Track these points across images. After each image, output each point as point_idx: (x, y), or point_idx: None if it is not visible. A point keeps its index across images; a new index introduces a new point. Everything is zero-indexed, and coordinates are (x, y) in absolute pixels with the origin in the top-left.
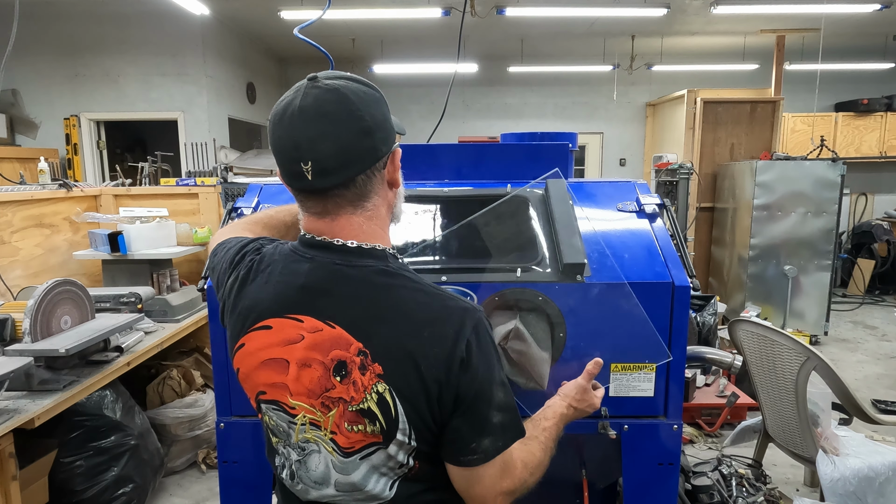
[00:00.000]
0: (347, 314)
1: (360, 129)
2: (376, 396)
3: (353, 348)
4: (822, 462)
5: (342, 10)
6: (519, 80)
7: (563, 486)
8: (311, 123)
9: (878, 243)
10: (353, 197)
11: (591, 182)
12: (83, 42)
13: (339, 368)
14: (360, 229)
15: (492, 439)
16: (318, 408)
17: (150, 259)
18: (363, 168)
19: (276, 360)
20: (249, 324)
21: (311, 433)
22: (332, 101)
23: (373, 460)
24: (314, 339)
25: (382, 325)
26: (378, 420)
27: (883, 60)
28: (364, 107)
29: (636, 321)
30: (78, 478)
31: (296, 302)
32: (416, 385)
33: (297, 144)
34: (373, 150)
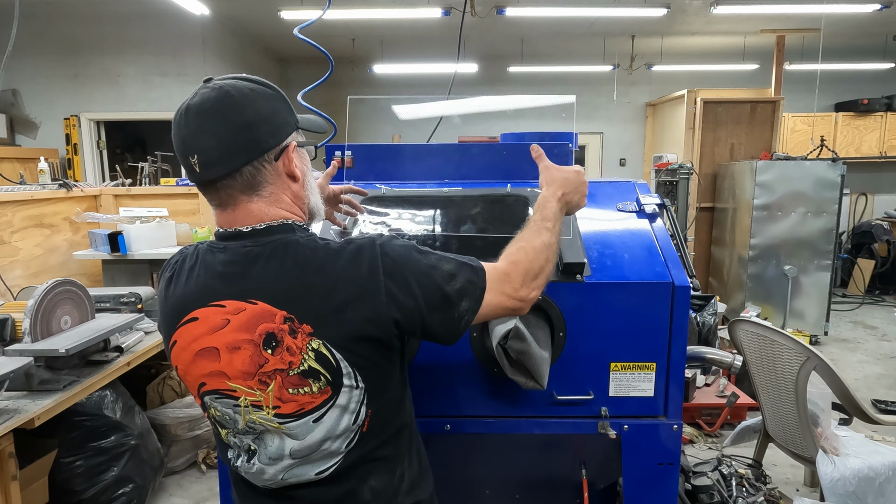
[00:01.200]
0: (265, 288)
1: (238, 123)
2: (313, 354)
3: (279, 317)
4: (822, 462)
5: (342, 10)
6: (519, 80)
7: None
8: (193, 120)
9: (878, 243)
10: (242, 187)
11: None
12: (83, 42)
13: (268, 341)
14: (264, 213)
15: (467, 299)
16: (256, 386)
17: (150, 259)
18: (248, 159)
19: (207, 349)
20: (177, 319)
21: (255, 415)
22: (212, 99)
23: (326, 422)
24: (239, 320)
25: (300, 287)
26: (322, 375)
27: (883, 60)
28: (246, 102)
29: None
30: (78, 478)
31: (216, 290)
32: (348, 330)
33: (183, 140)
34: (255, 143)
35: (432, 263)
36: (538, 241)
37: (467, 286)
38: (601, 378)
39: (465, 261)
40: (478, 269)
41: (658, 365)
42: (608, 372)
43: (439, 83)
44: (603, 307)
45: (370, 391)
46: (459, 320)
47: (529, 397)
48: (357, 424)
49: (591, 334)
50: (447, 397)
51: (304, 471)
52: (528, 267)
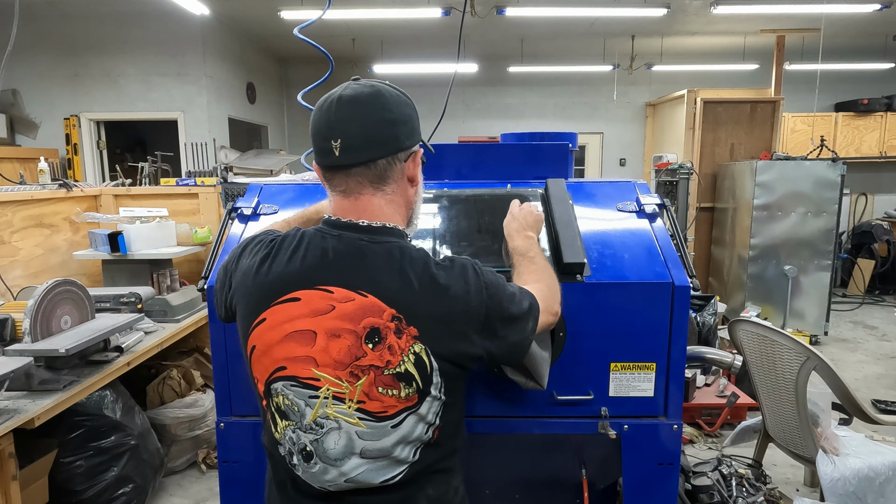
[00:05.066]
0: (377, 283)
1: (386, 119)
2: (413, 357)
3: (387, 314)
4: (822, 462)
5: (342, 10)
6: (519, 80)
7: (563, 486)
8: (344, 108)
9: (878, 243)
10: (373, 178)
11: (591, 182)
12: (83, 42)
13: (371, 336)
14: (381, 210)
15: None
16: (346, 378)
17: (150, 259)
18: (385, 153)
19: (303, 331)
20: (273, 297)
21: (332, 408)
22: (366, 93)
23: (403, 429)
24: (345, 309)
25: (411, 292)
26: (414, 380)
27: (883, 60)
28: (393, 103)
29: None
30: (78, 478)
31: (325, 275)
32: (450, 342)
33: (330, 125)
34: (395, 140)
35: (511, 290)
36: (540, 264)
37: (531, 309)
38: (601, 378)
39: (522, 288)
40: (533, 296)
41: (658, 365)
42: (608, 372)
43: (439, 83)
44: (603, 307)
45: (446, 404)
46: (527, 339)
47: (529, 397)
48: (428, 435)
49: (591, 334)
50: None
51: (371, 476)
52: (552, 285)
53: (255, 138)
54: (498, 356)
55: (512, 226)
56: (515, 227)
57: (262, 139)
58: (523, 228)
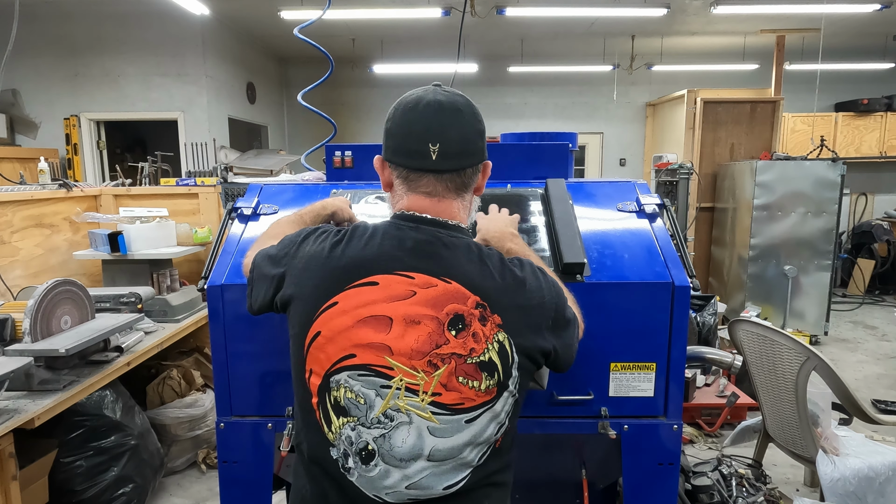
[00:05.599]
0: (460, 271)
1: (478, 129)
2: (497, 346)
3: (471, 301)
4: (822, 462)
5: (342, 10)
6: (519, 80)
7: (563, 486)
8: (445, 115)
9: (878, 243)
10: (460, 184)
11: (591, 182)
12: (83, 42)
13: (454, 322)
14: (458, 214)
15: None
16: (423, 367)
17: (150, 259)
18: (474, 162)
19: (378, 317)
20: (348, 280)
21: (403, 400)
22: (462, 103)
23: (477, 426)
24: (427, 295)
25: (493, 281)
26: (497, 371)
27: (883, 60)
28: (480, 115)
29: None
30: (78, 478)
31: (404, 260)
32: (529, 333)
33: (429, 127)
34: (482, 150)
35: (566, 296)
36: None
37: (575, 318)
38: (601, 378)
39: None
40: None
41: (658, 365)
42: (608, 372)
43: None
44: (603, 307)
45: (517, 402)
46: (574, 346)
47: (529, 397)
48: (496, 437)
49: (591, 334)
50: None
51: (433, 481)
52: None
53: (255, 138)
54: (561, 355)
55: (492, 228)
56: (499, 228)
57: (262, 139)
58: (507, 226)
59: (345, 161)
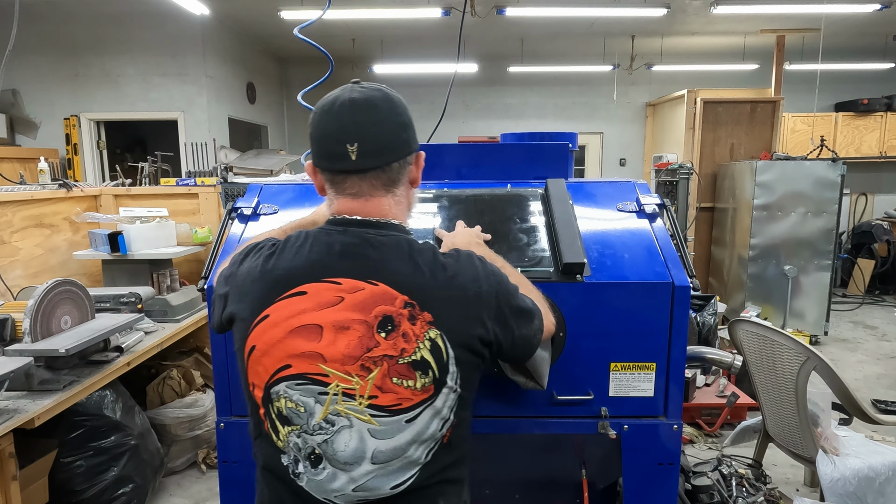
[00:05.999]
0: (387, 272)
1: (399, 122)
2: (429, 343)
3: (399, 301)
4: (822, 462)
5: (342, 10)
6: (519, 80)
7: (563, 486)
8: (359, 112)
9: (878, 243)
10: (387, 181)
11: (591, 182)
12: (83, 42)
13: (383, 324)
14: (390, 211)
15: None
16: (356, 372)
17: (150, 259)
18: (398, 157)
19: (308, 326)
20: (278, 293)
21: (342, 405)
22: (379, 97)
23: (418, 424)
24: (355, 299)
25: (423, 278)
26: (431, 369)
27: (883, 60)
28: (402, 107)
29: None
30: (78, 478)
31: (332, 266)
32: (464, 327)
33: (344, 128)
34: (407, 143)
35: (515, 285)
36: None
37: (535, 307)
38: (601, 378)
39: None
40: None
41: (658, 365)
42: (608, 372)
43: (439, 83)
44: (603, 307)
45: (462, 398)
46: (535, 337)
47: (529, 397)
48: (441, 433)
49: (591, 334)
50: None
51: (380, 483)
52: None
53: (255, 138)
54: (506, 348)
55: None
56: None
57: (262, 139)
58: (472, 237)
59: None
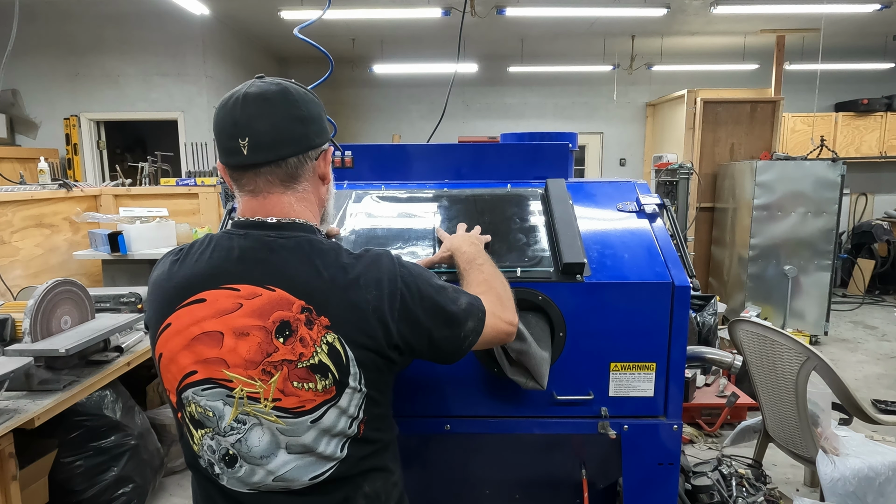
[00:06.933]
0: (285, 277)
1: (295, 115)
2: (327, 347)
3: (296, 306)
4: (822, 462)
5: (342, 10)
6: (519, 80)
7: (563, 486)
8: (251, 106)
9: (878, 243)
10: (284, 176)
11: (591, 182)
12: (83, 42)
13: (281, 329)
14: (292, 208)
15: (472, 320)
16: (259, 376)
17: (150, 259)
18: (296, 151)
19: (210, 333)
20: (178, 301)
21: (249, 407)
22: (273, 91)
23: (324, 423)
24: (253, 305)
25: (320, 282)
26: (330, 372)
27: (883, 60)
28: (302, 100)
29: None
30: (78, 478)
31: (231, 273)
32: (365, 329)
33: (235, 122)
34: (305, 137)
35: (441, 284)
36: (488, 271)
37: (471, 308)
38: (601, 378)
39: (465, 291)
40: (476, 298)
41: (658, 365)
42: (608, 372)
43: (439, 83)
44: (603, 307)
45: (369, 397)
46: (464, 340)
47: (529, 397)
48: (352, 430)
49: (591, 334)
50: (447, 397)
51: (299, 473)
52: (502, 293)
53: None
54: (424, 350)
55: (456, 240)
56: (461, 236)
57: None
58: (469, 237)
59: (345, 161)
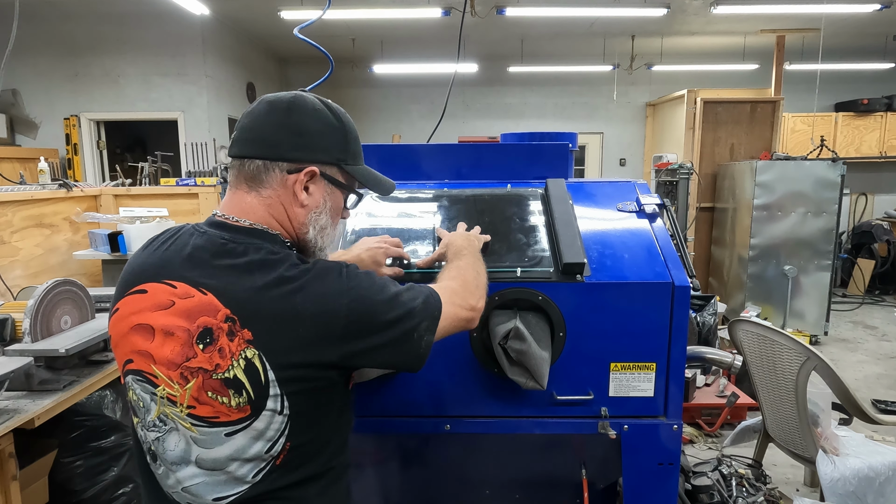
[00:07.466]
0: (220, 282)
1: (281, 122)
2: (244, 363)
3: (221, 315)
4: (822, 462)
5: (342, 10)
6: (519, 80)
7: (563, 486)
8: (261, 106)
9: (878, 243)
10: (247, 175)
11: (591, 182)
12: (83, 42)
13: (203, 336)
14: (254, 211)
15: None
16: (177, 379)
17: None
18: (260, 154)
19: (144, 326)
20: (128, 287)
21: (168, 409)
22: (285, 99)
23: (237, 441)
24: (184, 305)
25: (253, 292)
26: (245, 389)
27: (883, 60)
28: (300, 113)
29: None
30: (78, 478)
31: (175, 269)
32: (295, 348)
33: (240, 118)
34: (275, 145)
35: (392, 293)
36: (466, 261)
37: (426, 307)
38: (601, 378)
39: (418, 286)
40: (431, 291)
41: (658, 365)
42: (608, 372)
43: (439, 83)
44: (603, 307)
45: (295, 423)
46: (419, 341)
47: (529, 397)
48: (271, 455)
49: (591, 334)
50: (447, 397)
51: (204, 490)
52: (469, 280)
53: None
54: (372, 364)
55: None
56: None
57: None
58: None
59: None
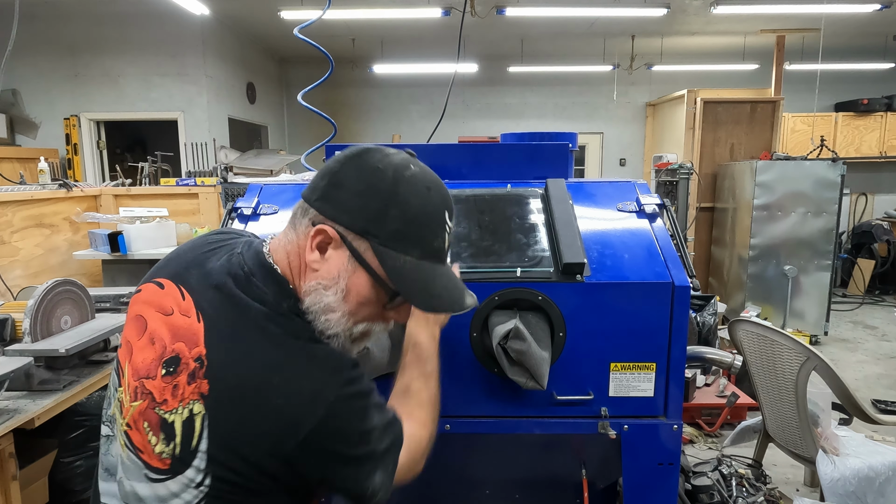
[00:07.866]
0: (215, 319)
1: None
2: (186, 414)
3: (196, 352)
4: (822, 462)
5: (342, 10)
6: (519, 80)
7: (563, 486)
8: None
9: (878, 243)
10: (297, 211)
11: (591, 182)
12: (83, 42)
13: (170, 363)
14: (283, 248)
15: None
16: (131, 391)
17: (150, 259)
18: (307, 196)
19: (143, 320)
20: (159, 271)
21: (117, 412)
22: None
23: (157, 488)
24: (177, 322)
25: (232, 346)
26: (174, 442)
27: (883, 60)
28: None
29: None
30: (78, 478)
31: (194, 279)
32: (240, 433)
33: None
34: (313, 188)
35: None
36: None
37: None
38: (601, 378)
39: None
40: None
41: (658, 365)
42: (608, 372)
43: (439, 83)
44: (603, 307)
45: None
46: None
47: (529, 397)
48: None
49: (591, 334)
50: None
51: None
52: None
53: (255, 138)
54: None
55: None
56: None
57: (262, 139)
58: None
59: None
